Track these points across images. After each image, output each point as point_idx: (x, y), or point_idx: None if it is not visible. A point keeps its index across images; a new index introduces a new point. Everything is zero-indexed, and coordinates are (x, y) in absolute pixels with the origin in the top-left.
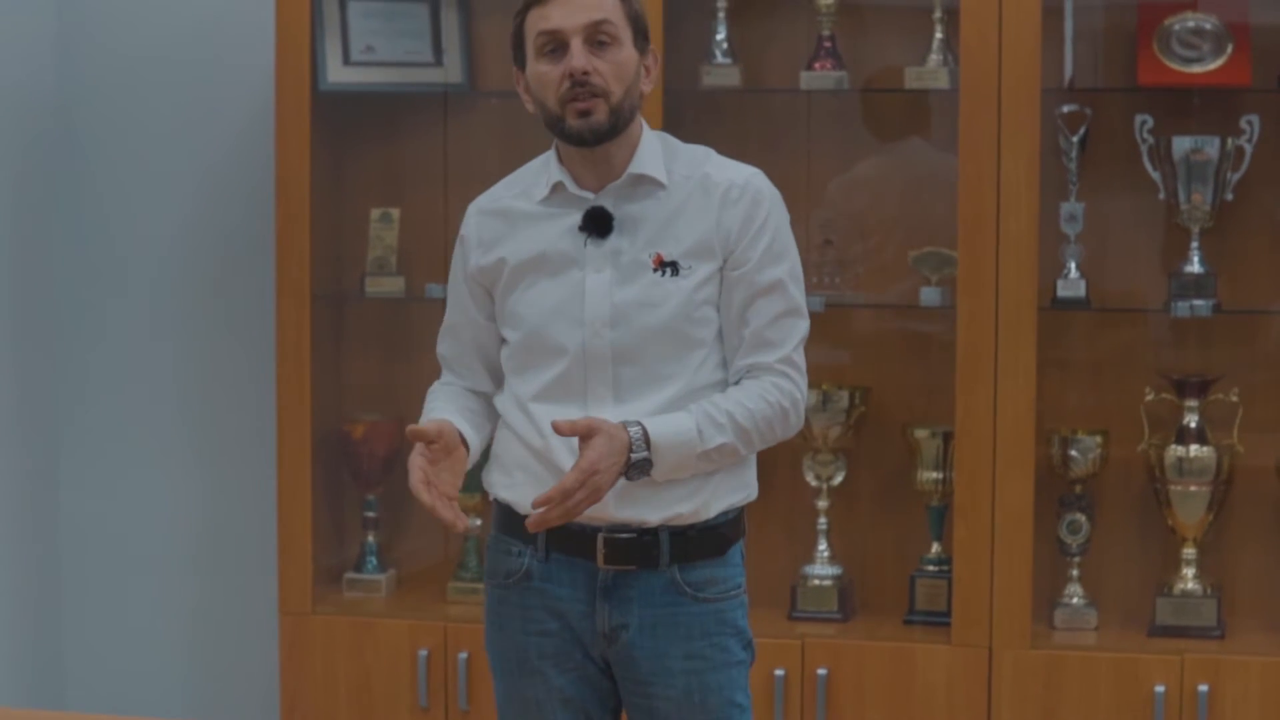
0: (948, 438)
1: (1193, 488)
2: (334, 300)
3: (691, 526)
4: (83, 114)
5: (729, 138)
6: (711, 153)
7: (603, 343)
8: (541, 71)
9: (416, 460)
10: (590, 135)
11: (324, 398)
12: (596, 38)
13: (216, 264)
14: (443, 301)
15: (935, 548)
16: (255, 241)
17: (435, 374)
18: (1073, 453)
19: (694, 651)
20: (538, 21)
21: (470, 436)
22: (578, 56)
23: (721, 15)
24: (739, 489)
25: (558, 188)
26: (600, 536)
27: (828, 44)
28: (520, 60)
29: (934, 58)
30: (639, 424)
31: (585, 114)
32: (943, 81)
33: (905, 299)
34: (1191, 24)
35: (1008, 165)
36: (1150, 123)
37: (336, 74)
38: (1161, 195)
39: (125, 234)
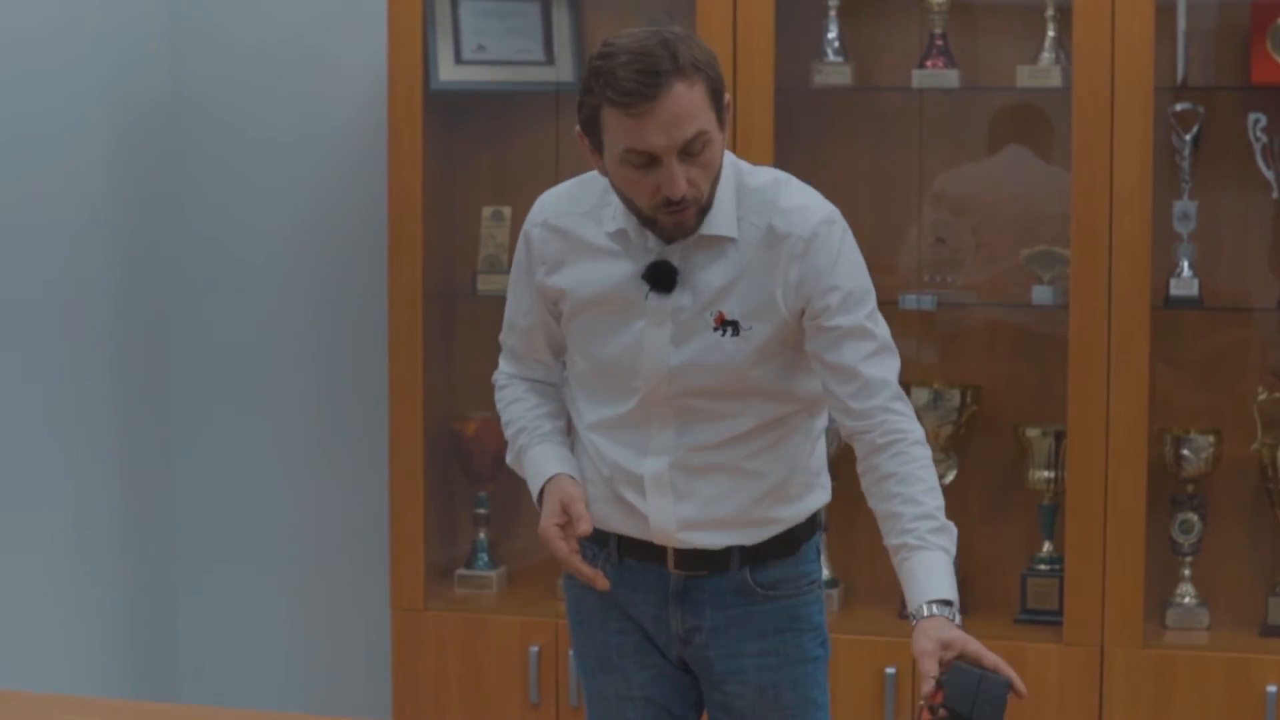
0: (1059, 437)
1: None
2: (446, 298)
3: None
4: (196, 114)
5: (840, 136)
6: (781, 185)
7: (661, 395)
8: (628, 177)
9: (553, 529)
10: (680, 235)
11: (436, 395)
12: (690, 149)
13: (329, 263)
14: None
15: (1047, 546)
16: (368, 240)
17: None
18: (1185, 452)
19: (767, 648)
20: (624, 133)
21: (577, 474)
22: (677, 181)
23: (833, 14)
24: (805, 502)
25: (622, 234)
26: (670, 549)
27: (939, 42)
28: (592, 137)
29: (1046, 56)
30: (948, 605)
31: (678, 222)
32: (1055, 80)
33: (1017, 298)
34: None
35: (1120, 164)
36: (1264, 121)
37: (448, 73)
38: (1275, 194)
39: (238, 233)
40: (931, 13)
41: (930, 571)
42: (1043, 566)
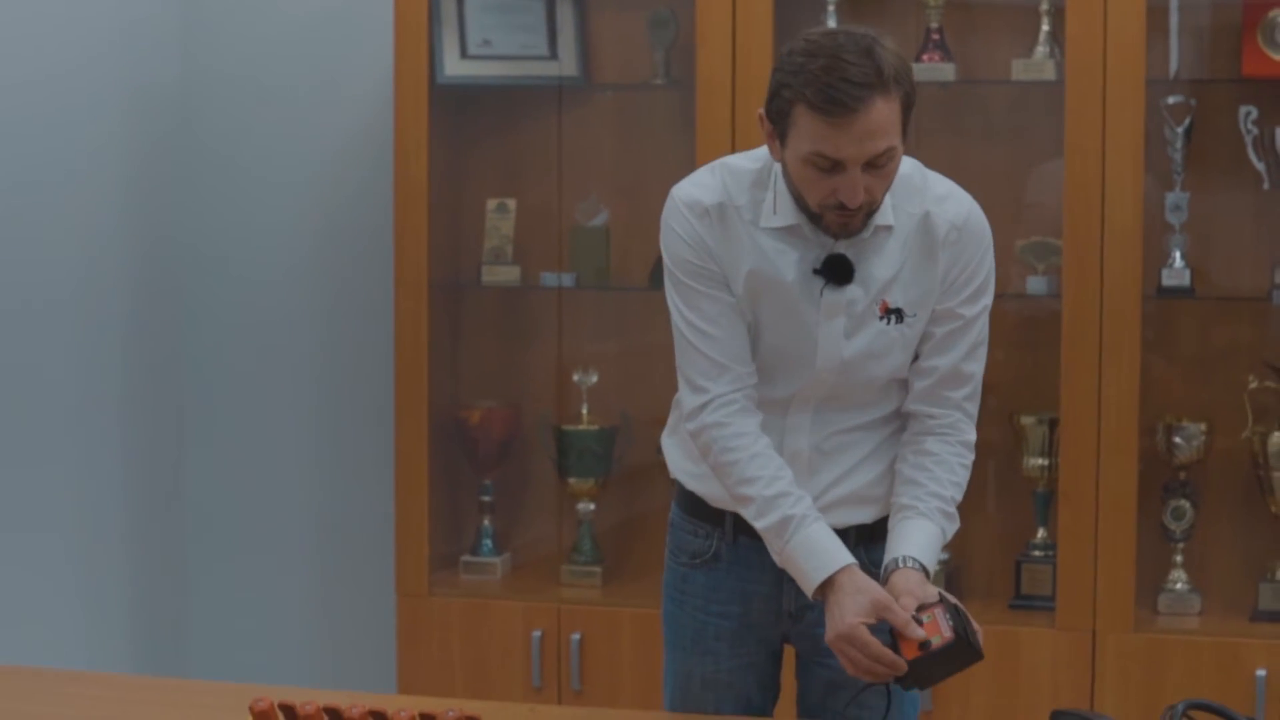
0: (1053, 425)
1: None
2: (452, 289)
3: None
4: (205, 107)
5: None
6: (924, 172)
7: (823, 385)
8: (808, 176)
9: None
10: (845, 236)
11: (441, 384)
12: (876, 162)
13: (337, 253)
14: (557, 291)
15: (1041, 533)
16: (374, 231)
17: (549, 360)
18: (1177, 440)
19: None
20: (817, 136)
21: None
22: (857, 191)
23: (831, 9)
24: None
25: (795, 229)
26: None
27: (936, 36)
28: (778, 125)
29: (1040, 50)
30: (916, 563)
31: (845, 223)
32: (1049, 74)
33: (1012, 288)
34: None
35: (1112, 156)
36: (1254, 114)
37: (454, 67)
38: (1266, 185)
39: (247, 224)
40: (928, 7)
41: (922, 536)
42: (1037, 552)
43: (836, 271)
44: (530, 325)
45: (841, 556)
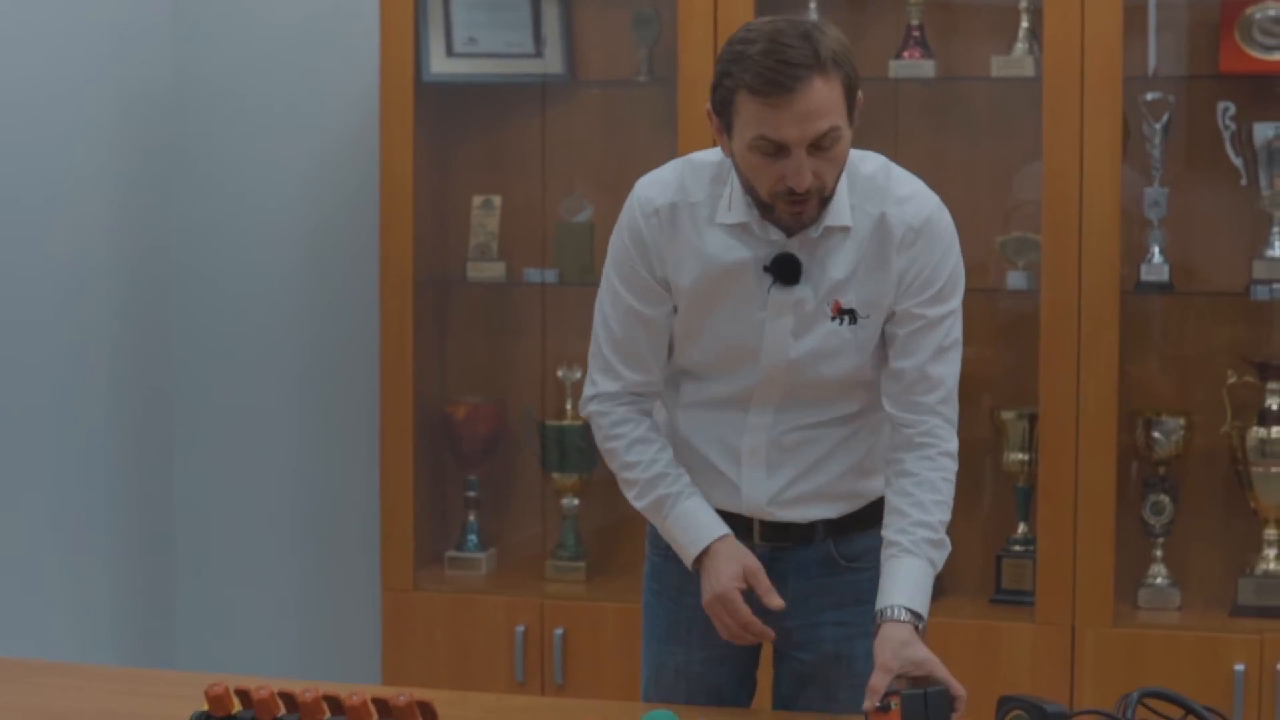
0: (1034, 420)
1: (1274, 470)
2: (438, 285)
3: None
4: (195, 105)
5: None
6: (890, 172)
7: (778, 382)
8: (755, 163)
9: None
10: (798, 228)
11: (427, 380)
12: (821, 143)
13: (323, 250)
14: (541, 287)
15: (1022, 528)
16: (360, 228)
17: (534, 356)
18: (1156, 435)
19: (845, 619)
20: (758, 120)
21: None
22: (803, 173)
23: (813, 6)
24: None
25: (746, 226)
26: (756, 521)
27: (916, 34)
28: (723, 118)
29: (1020, 47)
30: (908, 614)
31: (798, 213)
32: (1028, 70)
33: (992, 283)
34: (1273, 12)
35: (1091, 152)
36: (1232, 110)
37: (440, 65)
38: (1243, 181)
39: (235, 220)
40: (909, 5)
41: (911, 578)
42: (1018, 547)
43: (784, 270)
44: (515, 321)
45: (716, 529)
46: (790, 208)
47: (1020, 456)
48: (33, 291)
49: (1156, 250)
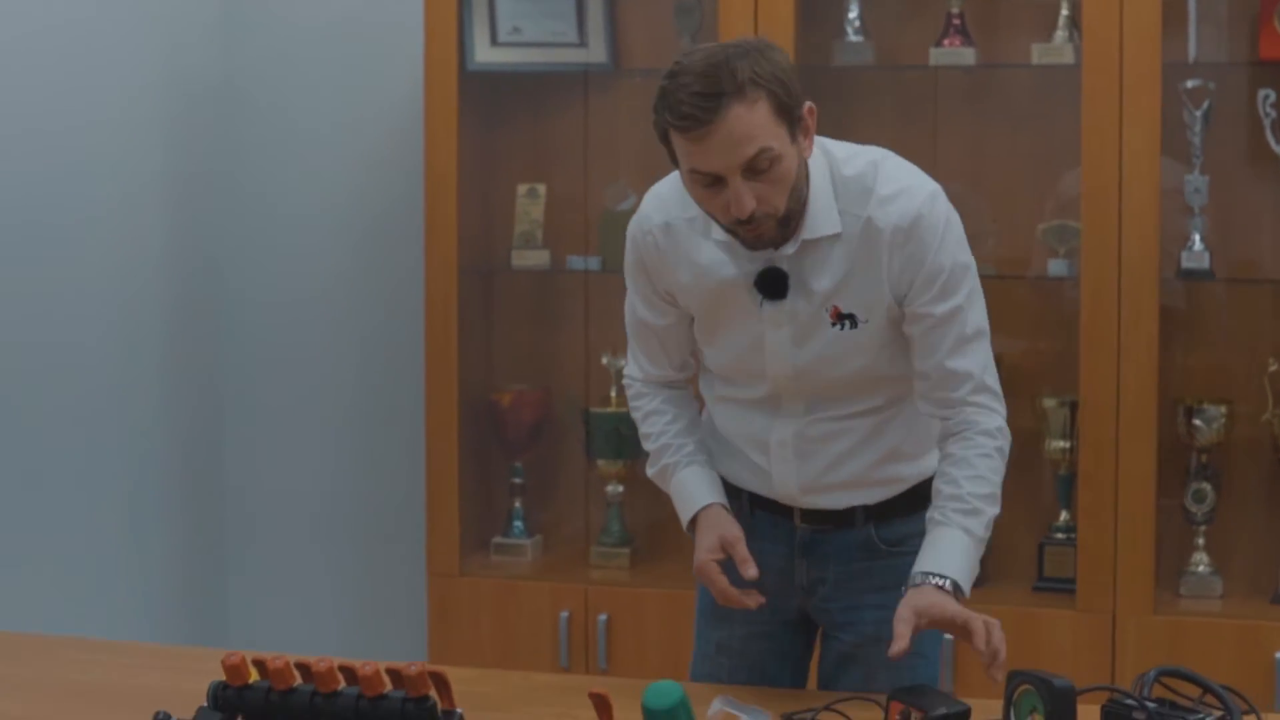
0: (1075, 407)
1: None
2: (483, 273)
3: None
4: (243, 97)
5: (861, 114)
6: (878, 169)
7: (790, 388)
8: (699, 195)
9: (713, 565)
10: (764, 248)
11: (473, 367)
12: (754, 166)
13: (368, 239)
14: (584, 274)
15: (1064, 515)
16: (406, 217)
17: (578, 343)
18: (1197, 423)
19: (885, 602)
20: (687, 155)
21: (726, 501)
22: (743, 200)
23: None
24: (929, 459)
25: (734, 242)
26: (796, 506)
27: (957, 21)
28: (669, 153)
29: (1060, 34)
30: (933, 578)
31: (756, 235)
32: (1068, 57)
33: (1034, 271)
34: None
35: (1130, 139)
36: (1273, 97)
37: (484, 54)
38: None
39: (283, 210)
40: None
41: (938, 547)
42: (1060, 535)
43: (770, 286)
44: (559, 309)
45: (702, 498)
46: (747, 232)
47: (1062, 444)
48: (87, 278)
49: (1197, 237)
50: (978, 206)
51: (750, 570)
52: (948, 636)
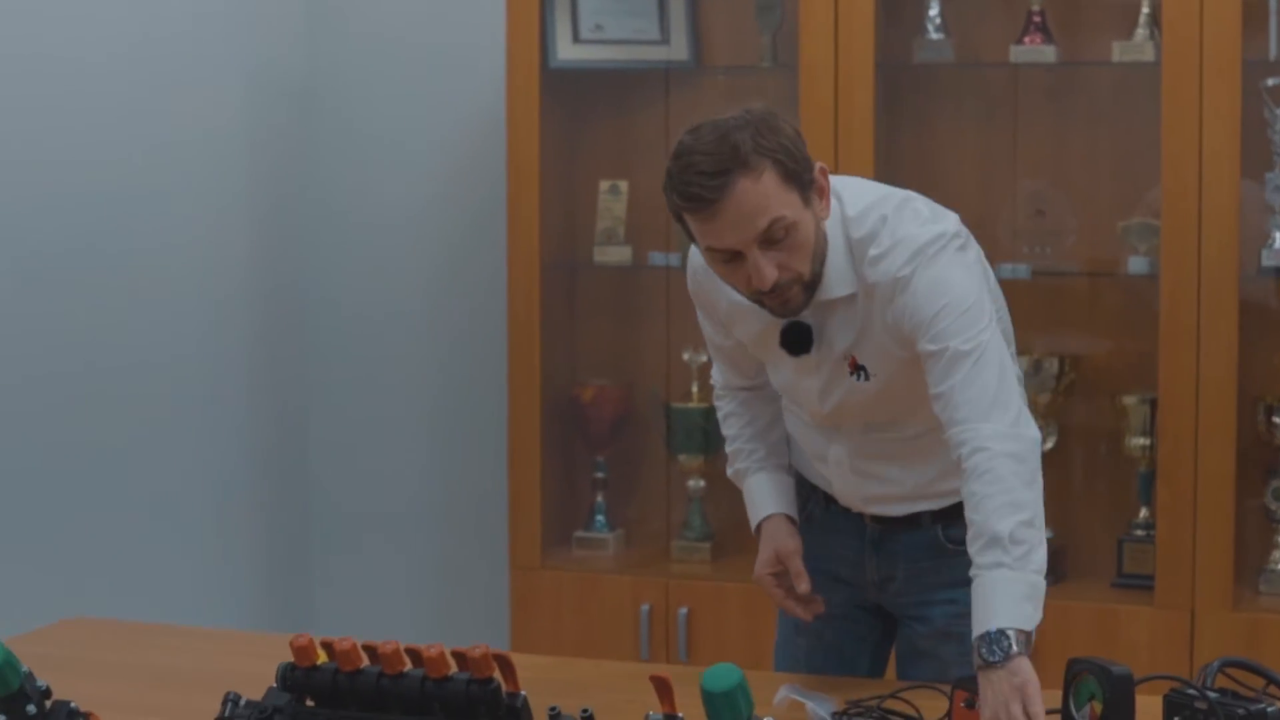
0: (1155, 404)
1: None
2: (565, 269)
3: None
4: (327, 96)
5: (942, 112)
6: (882, 227)
7: (826, 417)
8: (720, 270)
9: (768, 578)
10: (795, 314)
11: (555, 363)
12: (772, 238)
13: (452, 235)
14: (666, 270)
15: (1143, 512)
16: (490, 214)
17: (659, 339)
18: (1277, 420)
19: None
20: (701, 234)
21: (793, 509)
22: (764, 270)
23: None
24: None
25: None
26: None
27: (1037, 19)
28: (685, 231)
29: (1140, 32)
30: (998, 634)
31: (783, 302)
32: (1149, 55)
33: (1114, 268)
34: None
35: (1210, 137)
36: None
37: (566, 51)
38: None
39: (367, 208)
40: None
41: (975, 599)
42: (1139, 532)
43: (794, 342)
44: (641, 304)
45: (765, 508)
46: (773, 301)
47: (1141, 441)
48: (168, 276)
49: (1278, 235)
50: (1058, 204)
51: (803, 585)
52: None
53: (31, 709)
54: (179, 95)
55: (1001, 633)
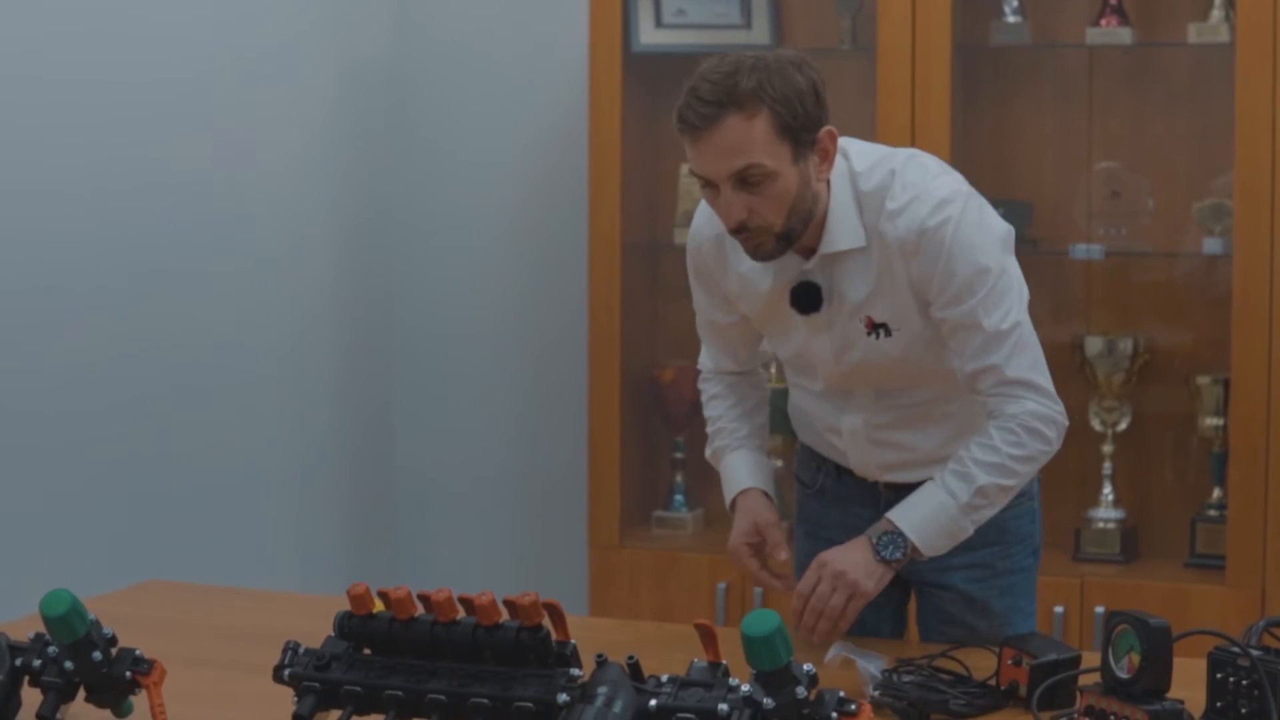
0: (1228, 385)
1: None
2: (647, 251)
3: None
4: (412, 77)
5: (1018, 94)
6: (894, 180)
7: (838, 380)
8: (704, 195)
9: (744, 548)
10: (766, 259)
11: (635, 344)
12: (746, 179)
13: (534, 217)
14: None
15: (1216, 493)
16: (572, 197)
17: None
18: None
19: (974, 561)
20: (690, 155)
21: (770, 485)
22: (730, 208)
23: None
24: None
25: None
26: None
27: (1114, 1)
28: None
29: (1216, 14)
30: (886, 522)
31: (754, 245)
32: (1224, 36)
33: (1189, 249)
34: None
35: None
36: None
37: (649, 36)
38: None
39: (451, 188)
40: None
41: (914, 498)
42: (1212, 512)
43: (803, 299)
44: None
45: (744, 482)
46: (745, 241)
47: (1215, 422)
48: (255, 260)
49: None
50: (1134, 185)
51: (782, 554)
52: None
53: (97, 655)
54: (263, 77)
55: (908, 542)
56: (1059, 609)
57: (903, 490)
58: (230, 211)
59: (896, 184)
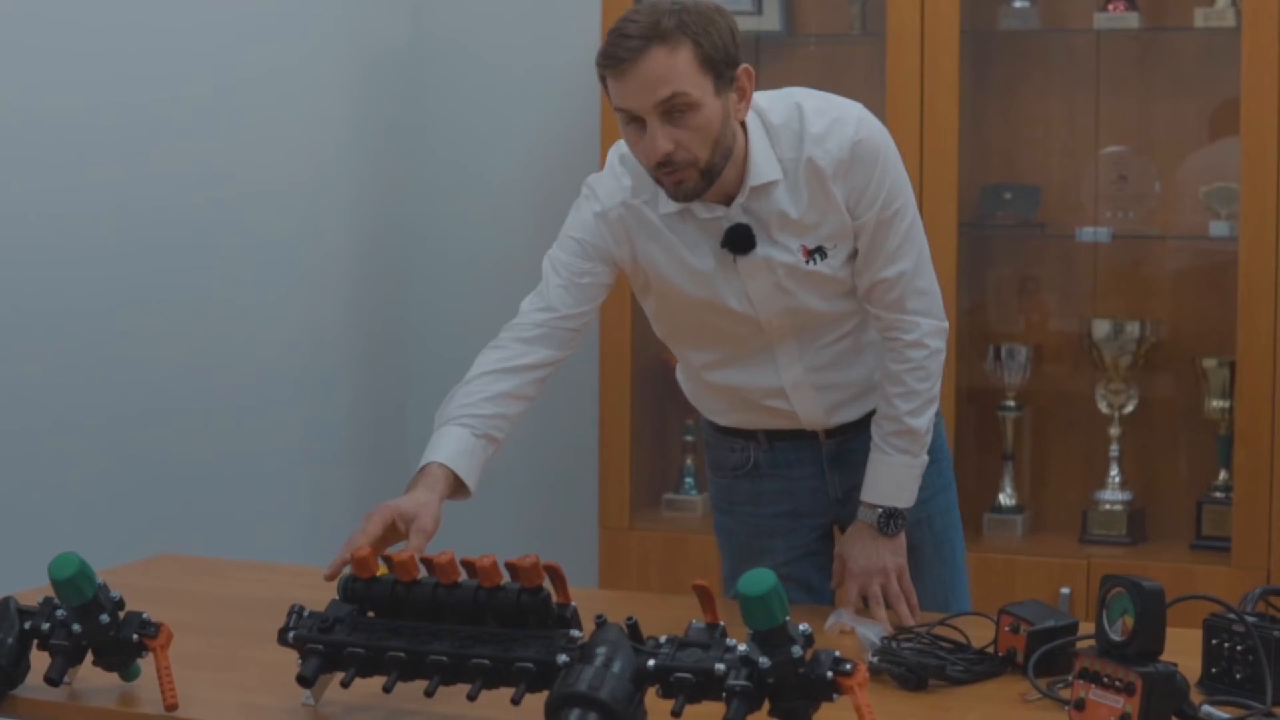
0: (1234, 367)
1: None
2: None
3: None
4: (429, 66)
5: (1026, 78)
6: (803, 111)
7: (779, 328)
8: (627, 135)
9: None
10: (687, 198)
11: (646, 328)
12: (671, 110)
13: (546, 201)
14: None
15: (1223, 475)
16: (583, 178)
17: None
18: None
19: (917, 497)
20: (613, 94)
21: (473, 478)
22: (658, 139)
23: None
24: None
25: (685, 211)
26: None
27: None
28: (609, 97)
29: None
30: (871, 508)
31: (677, 181)
32: (1230, 21)
33: (1195, 232)
34: None
35: None
36: None
37: None
38: None
39: (468, 174)
40: None
41: (878, 475)
42: (1218, 494)
43: (738, 242)
44: None
45: (441, 455)
46: (667, 178)
47: (1221, 404)
48: (268, 244)
49: None
50: (1141, 169)
51: (417, 541)
52: None
53: (105, 618)
54: (282, 70)
55: (900, 512)
56: (1065, 590)
57: (844, 433)
58: (249, 215)
59: (810, 112)
